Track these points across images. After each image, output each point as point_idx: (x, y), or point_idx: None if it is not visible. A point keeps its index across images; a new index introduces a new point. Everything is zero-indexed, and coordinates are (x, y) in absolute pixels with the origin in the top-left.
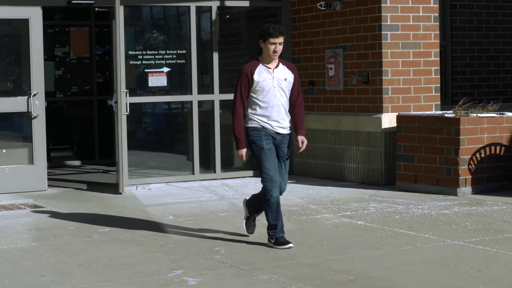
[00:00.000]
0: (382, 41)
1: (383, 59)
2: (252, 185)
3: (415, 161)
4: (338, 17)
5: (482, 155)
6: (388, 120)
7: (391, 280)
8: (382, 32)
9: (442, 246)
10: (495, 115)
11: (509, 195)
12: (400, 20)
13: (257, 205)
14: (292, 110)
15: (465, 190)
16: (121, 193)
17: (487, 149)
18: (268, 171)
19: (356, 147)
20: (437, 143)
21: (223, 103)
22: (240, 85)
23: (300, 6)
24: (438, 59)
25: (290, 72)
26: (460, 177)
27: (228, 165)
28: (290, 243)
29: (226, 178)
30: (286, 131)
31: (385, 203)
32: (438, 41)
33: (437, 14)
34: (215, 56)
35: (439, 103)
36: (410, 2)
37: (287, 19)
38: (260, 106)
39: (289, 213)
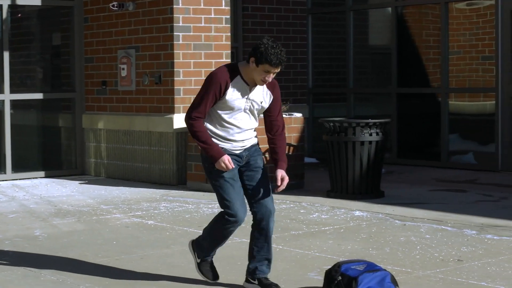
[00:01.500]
0: (174, 42)
1: (175, 60)
2: (43, 186)
3: None
4: (130, 17)
5: None
6: (180, 120)
7: (177, 277)
8: (174, 33)
9: (231, 244)
10: (284, 115)
11: (297, 193)
12: (192, 22)
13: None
14: (272, 137)
15: None
16: None
17: None
18: (231, 205)
19: (148, 147)
20: None
21: (14, 103)
22: (208, 94)
23: (92, 5)
24: (230, 60)
25: (269, 92)
26: None
27: (19, 166)
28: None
29: (17, 179)
30: (254, 141)
31: (176, 202)
32: (230, 42)
33: (228, 16)
34: (6, 55)
35: None
36: (202, 4)
37: (79, 19)
38: (222, 125)
39: (79, 213)
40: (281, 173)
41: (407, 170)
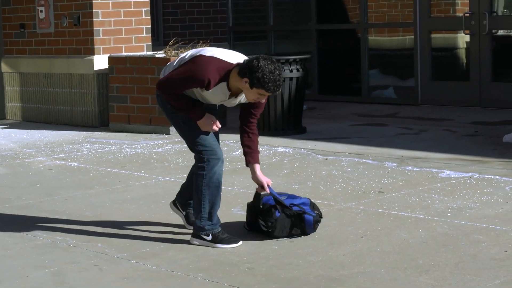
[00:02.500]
0: None
1: (93, 1)
2: None
3: (128, 102)
4: None
5: None
6: (101, 61)
7: (102, 217)
8: None
9: (154, 183)
10: None
11: (219, 131)
12: None
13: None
14: (249, 131)
15: None
16: None
17: None
18: (208, 140)
19: (69, 89)
20: (149, 83)
21: None
22: (189, 84)
23: None
24: (148, 0)
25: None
26: None
27: None
28: (239, 241)
29: None
30: None
31: (99, 144)
32: None
33: None
34: None
35: (151, 43)
36: None
37: None
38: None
39: (1, 157)
40: (265, 180)
41: (328, 106)
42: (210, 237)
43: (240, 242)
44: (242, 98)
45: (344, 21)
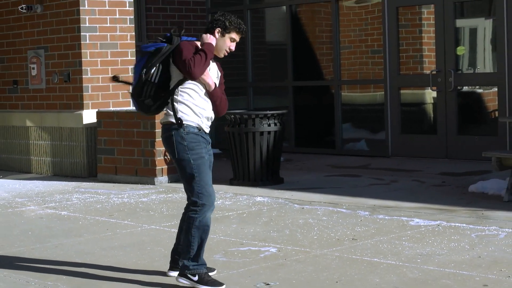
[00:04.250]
0: (82, 42)
1: (82, 59)
2: None
3: (115, 153)
4: (39, 19)
5: None
6: (89, 116)
7: (91, 263)
8: (81, 34)
9: (140, 231)
10: None
11: None
12: (98, 22)
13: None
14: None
15: (162, 179)
16: None
17: None
18: (208, 187)
19: (60, 142)
20: (135, 137)
21: None
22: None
23: (2, 8)
24: (135, 58)
25: (218, 70)
26: (157, 167)
27: None
28: (223, 284)
29: None
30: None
31: (87, 193)
32: (134, 41)
33: (132, 17)
34: None
35: None
36: (107, 5)
37: None
38: (199, 95)
39: None
40: None
41: (304, 158)
42: (196, 277)
43: (224, 286)
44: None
45: (318, 78)
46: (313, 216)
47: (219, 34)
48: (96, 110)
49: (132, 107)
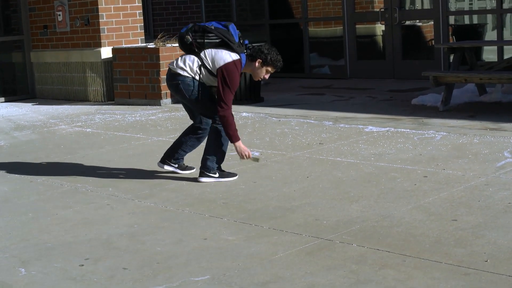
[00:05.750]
0: None
1: (99, 6)
2: (4, 109)
3: (128, 82)
4: None
5: None
6: (106, 52)
7: (111, 169)
8: None
9: (150, 142)
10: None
11: None
12: None
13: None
14: None
15: (166, 101)
16: None
17: None
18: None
19: (83, 74)
20: (143, 68)
21: None
22: (234, 89)
23: None
24: (141, 4)
25: None
26: (162, 92)
27: None
28: (236, 174)
29: None
30: None
31: (107, 114)
32: None
33: None
34: None
35: (144, 37)
36: None
37: None
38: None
39: (33, 127)
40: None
41: (280, 81)
42: (217, 175)
43: (237, 175)
44: None
45: (289, 17)
46: (287, 127)
47: (259, 64)
48: (112, 47)
49: (140, 44)
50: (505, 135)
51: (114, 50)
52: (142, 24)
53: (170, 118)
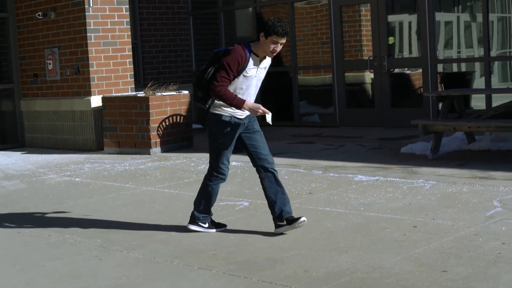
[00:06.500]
0: (88, 41)
1: (89, 55)
2: None
3: (118, 130)
4: (53, 23)
5: (167, 123)
6: (96, 101)
7: (100, 219)
8: (87, 34)
9: (139, 192)
10: (175, 93)
11: (188, 151)
12: (101, 25)
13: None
14: None
15: (156, 150)
16: None
17: (170, 118)
18: (225, 167)
19: (73, 122)
20: (133, 116)
21: None
22: (229, 69)
23: (23, 16)
24: (131, 53)
25: (269, 59)
26: (151, 141)
27: None
28: (225, 225)
29: None
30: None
31: (96, 163)
32: (130, 39)
33: (128, 19)
34: None
35: (134, 86)
36: (107, 11)
37: (13, 27)
38: (238, 93)
39: (22, 176)
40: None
41: (270, 129)
42: (207, 225)
43: (226, 226)
44: (265, 62)
45: (280, 65)
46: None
47: (263, 37)
48: (102, 96)
49: (130, 93)
50: (494, 184)
51: (104, 99)
52: (132, 73)
53: (160, 167)
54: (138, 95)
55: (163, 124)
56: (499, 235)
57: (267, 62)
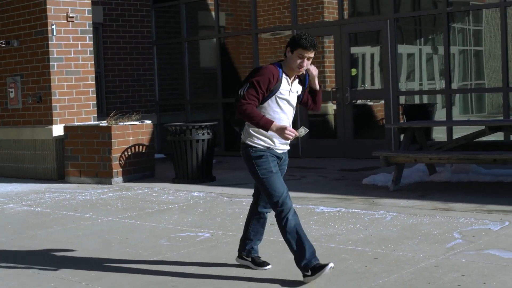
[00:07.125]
0: (50, 70)
1: (51, 84)
2: None
3: (79, 160)
4: (16, 52)
5: (129, 153)
6: (58, 130)
7: (60, 250)
8: (50, 63)
9: (100, 222)
10: (138, 122)
11: (150, 181)
12: (64, 54)
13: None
14: (311, 104)
15: (118, 179)
16: None
17: (133, 148)
18: (281, 195)
19: (34, 151)
20: (95, 146)
21: None
22: (259, 86)
23: None
24: (94, 82)
25: (298, 85)
26: (113, 170)
27: None
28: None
29: None
30: (288, 147)
31: (57, 193)
32: (94, 69)
33: (92, 48)
34: None
35: (96, 115)
36: (71, 40)
37: None
38: (272, 117)
39: None
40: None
41: (232, 160)
42: (309, 272)
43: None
44: (295, 86)
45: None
46: (239, 207)
47: (289, 52)
48: (63, 125)
49: (92, 122)
50: (455, 215)
51: (66, 128)
52: (95, 102)
53: (121, 197)
54: (101, 124)
55: (125, 153)
56: (459, 267)
57: (297, 86)
